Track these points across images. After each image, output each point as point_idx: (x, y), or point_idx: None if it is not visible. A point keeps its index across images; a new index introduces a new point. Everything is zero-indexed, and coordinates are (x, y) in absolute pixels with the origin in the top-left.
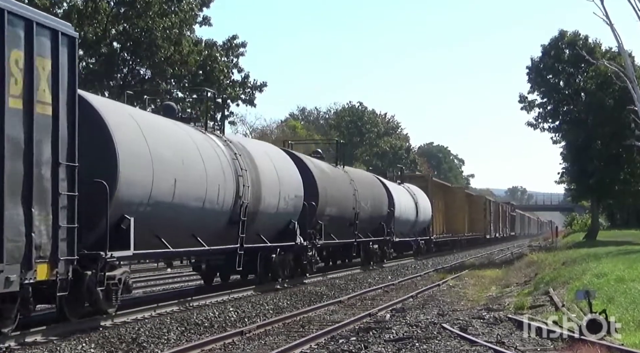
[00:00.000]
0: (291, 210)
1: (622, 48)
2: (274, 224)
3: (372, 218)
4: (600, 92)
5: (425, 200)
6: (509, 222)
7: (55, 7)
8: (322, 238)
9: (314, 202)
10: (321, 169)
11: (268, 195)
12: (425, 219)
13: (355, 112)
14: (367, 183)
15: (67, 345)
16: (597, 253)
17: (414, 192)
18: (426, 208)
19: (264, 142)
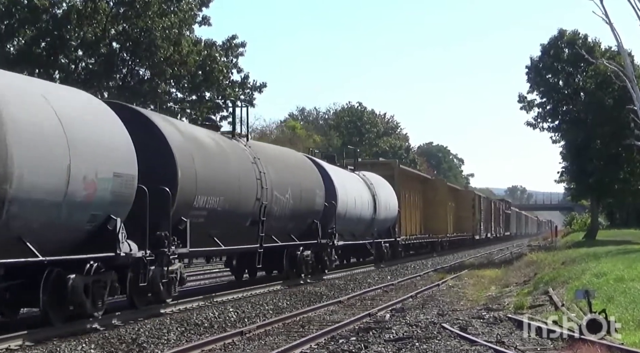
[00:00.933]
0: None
1: (622, 47)
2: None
3: (293, 214)
4: (600, 92)
5: (390, 192)
6: (504, 221)
7: (54, 7)
8: None
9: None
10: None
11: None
12: (388, 216)
13: (354, 112)
14: (287, 165)
15: (67, 345)
16: (597, 252)
17: (373, 181)
18: (390, 202)
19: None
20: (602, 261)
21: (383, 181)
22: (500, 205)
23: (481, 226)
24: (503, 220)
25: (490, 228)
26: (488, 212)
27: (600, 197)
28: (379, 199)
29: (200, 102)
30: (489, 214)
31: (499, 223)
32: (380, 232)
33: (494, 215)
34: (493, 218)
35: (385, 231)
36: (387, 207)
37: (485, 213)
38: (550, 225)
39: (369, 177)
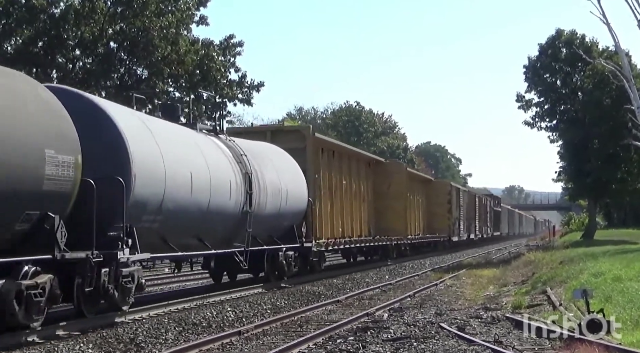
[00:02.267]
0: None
1: (619, 47)
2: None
3: None
4: (597, 91)
5: (292, 174)
6: (492, 220)
7: (52, 6)
8: None
9: None
10: None
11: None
12: (285, 210)
13: (352, 111)
14: None
15: (64, 346)
16: (595, 252)
17: (252, 154)
18: (289, 188)
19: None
20: (600, 261)
21: (277, 155)
22: (487, 201)
23: (460, 225)
24: (491, 219)
25: (474, 228)
26: (471, 208)
27: (598, 196)
28: (260, 182)
29: (198, 101)
30: (472, 211)
31: (485, 222)
32: (268, 233)
33: (479, 212)
34: (478, 216)
35: (283, 233)
36: (280, 196)
37: (468, 210)
38: (548, 225)
39: (245, 147)
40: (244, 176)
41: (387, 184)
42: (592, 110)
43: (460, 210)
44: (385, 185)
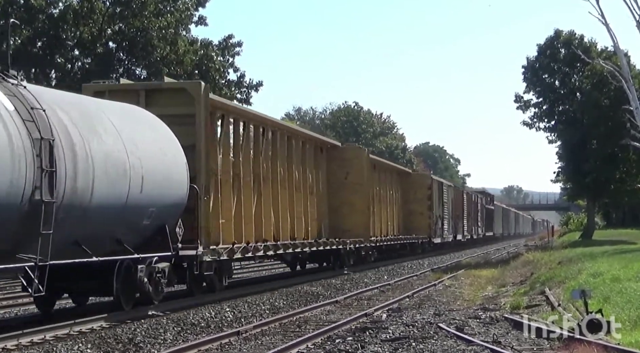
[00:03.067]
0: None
1: (618, 47)
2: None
3: None
4: (596, 92)
5: (163, 148)
6: (484, 219)
7: (51, 7)
8: None
9: None
10: None
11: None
12: (146, 201)
13: (351, 112)
14: None
15: (63, 346)
16: (593, 252)
17: (88, 114)
18: (155, 170)
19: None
20: (599, 261)
21: (133, 119)
22: (478, 198)
23: (444, 225)
24: (483, 218)
25: (462, 228)
26: (458, 206)
27: (597, 196)
28: (83, 154)
29: None
30: (459, 209)
31: (476, 221)
32: (111, 236)
33: (467, 210)
34: (467, 215)
35: (147, 236)
36: (129, 178)
37: (454, 208)
38: (547, 225)
39: (52, 100)
40: (34, 143)
41: (345, 174)
42: (590, 110)
43: (443, 208)
44: (338, 173)
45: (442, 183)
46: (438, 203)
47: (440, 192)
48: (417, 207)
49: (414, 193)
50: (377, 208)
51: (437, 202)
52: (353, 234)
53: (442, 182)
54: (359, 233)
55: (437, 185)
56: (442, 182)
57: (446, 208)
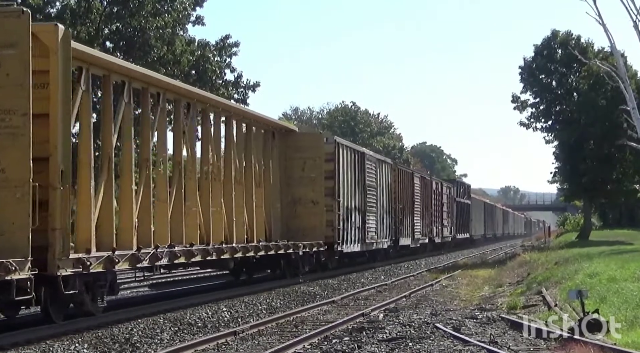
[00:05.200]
0: None
1: (615, 48)
2: None
3: None
4: (593, 92)
5: None
6: (454, 216)
7: (48, 6)
8: None
9: None
10: None
11: None
12: None
13: (348, 111)
14: None
15: (59, 345)
16: (590, 253)
17: None
18: None
19: None
20: (595, 261)
21: None
22: (442, 187)
23: (368, 223)
24: (452, 215)
25: (411, 228)
26: (403, 195)
27: (593, 197)
28: None
29: None
30: (405, 200)
31: (440, 218)
32: None
33: (423, 203)
34: (422, 210)
35: None
36: None
37: (394, 198)
38: (543, 225)
39: None
40: None
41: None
42: (587, 111)
43: (366, 196)
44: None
45: (363, 154)
46: (353, 187)
47: (358, 169)
48: (306, 191)
49: (300, 168)
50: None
51: (349, 185)
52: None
53: (363, 153)
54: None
55: (350, 156)
56: (365, 153)
57: (376, 197)
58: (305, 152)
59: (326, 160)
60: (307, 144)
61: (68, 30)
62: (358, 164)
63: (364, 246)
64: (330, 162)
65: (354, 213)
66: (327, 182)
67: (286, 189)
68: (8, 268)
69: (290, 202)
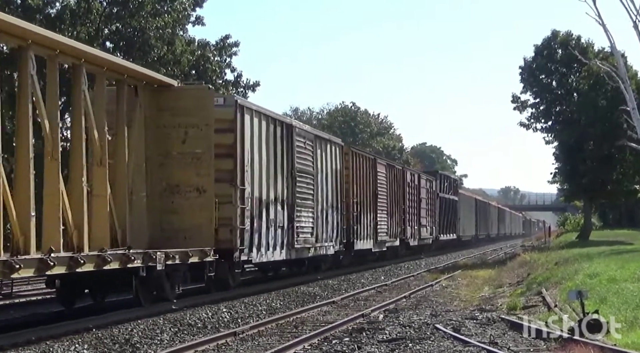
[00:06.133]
0: None
1: (615, 48)
2: None
3: None
4: (593, 93)
5: None
6: (437, 214)
7: (48, 7)
8: None
9: None
10: None
11: None
12: None
13: (348, 112)
14: None
15: (59, 346)
16: (590, 253)
17: None
18: None
19: None
20: (595, 261)
21: None
22: (418, 179)
23: (298, 222)
24: (434, 212)
25: (384, 228)
26: (363, 186)
27: (593, 197)
28: None
29: None
30: (367, 193)
31: (417, 216)
32: None
33: (393, 197)
34: (394, 205)
35: None
36: None
37: (359, 189)
38: (543, 225)
39: None
40: None
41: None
42: (587, 111)
43: (293, 183)
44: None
45: (290, 127)
46: (273, 172)
47: (281, 147)
48: (188, 175)
49: (179, 141)
50: None
51: (263, 169)
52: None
53: (290, 125)
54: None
55: (266, 127)
56: (293, 126)
57: (314, 188)
58: (188, 116)
59: (220, 130)
60: (190, 105)
61: None
62: (282, 139)
63: (291, 252)
64: (227, 133)
65: (272, 207)
66: (221, 162)
67: (158, 171)
68: None
69: (165, 190)
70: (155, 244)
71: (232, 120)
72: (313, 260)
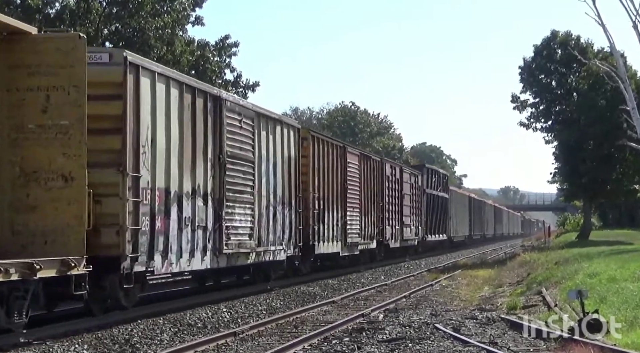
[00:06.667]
0: None
1: (614, 48)
2: None
3: None
4: (592, 92)
5: None
6: (424, 213)
7: (47, 7)
8: None
9: None
10: None
11: None
12: None
13: (347, 111)
14: None
15: (59, 346)
16: (590, 253)
17: None
18: None
19: None
20: (595, 261)
21: None
22: (407, 176)
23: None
24: (421, 211)
25: (355, 228)
26: (333, 180)
27: (593, 197)
28: None
29: None
30: (334, 187)
31: (399, 216)
32: None
33: (373, 193)
34: (368, 202)
35: None
36: None
37: (322, 182)
38: (543, 225)
39: None
40: None
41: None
42: (587, 111)
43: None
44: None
45: (217, 98)
46: (189, 157)
47: (202, 124)
48: (50, 154)
49: (39, 109)
50: None
51: (172, 151)
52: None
53: (217, 97)
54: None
55: (178, 95)
56: (221, 97)
57: (254, 178)
58: (51, 75)
59: (103, 96)
60: (53, 60)
61: None
62: (204, 115)
63: (219, 260)
64: (113, 100)
65: (188, 202)
66: (104, 140)
67: (9, 151)
68: None
69: (19, 178)
70: (3, 253)
71: (121, 84)
72: (259, 268)
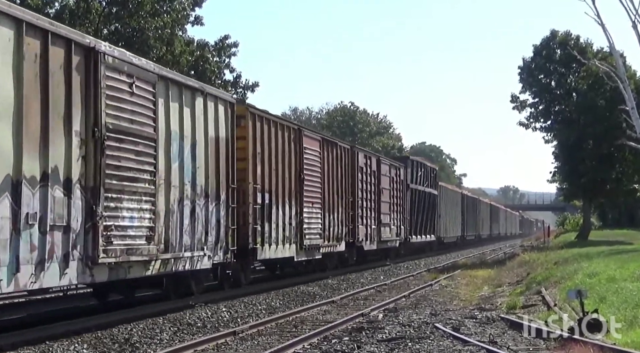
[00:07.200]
0: None
1: (614, 48)
2: None
3: None
4: (592, 92)
5: None
6: (408, 210)
7: (47, 6)
8: None
9: None
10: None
11: None
12: None
13: (347, 111)
14: None
15: (59, 346)
16: (589, 252)
17: None
18: None
19: None
20: (595, 261)
21: None
22: (386, 168)
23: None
24: (404, 207)
25: (316, 228)
26: (284, 168)
27: (593, 197)
28: None
29: None
30: (285, 177)
31: (376, 214)
32: None
33: (341, 186)
34: (334, 196)
35: None
36: None
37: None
38: (542, 225)
39: None
40: None
41: None
42: (586, 111)
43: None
44: None
45: (94, 54)
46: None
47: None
48: None
49: None
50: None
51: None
52: None
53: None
54: None
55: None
56: (99, 52)
57: (156, 163)
58: None
59: None
60: None
61: None
62: (67, 72)
63: (92, 273)
64: None
65: (36, 193)
66: None
67: None
68: None
69: None
70: None
71: None
72: (175, 280)
